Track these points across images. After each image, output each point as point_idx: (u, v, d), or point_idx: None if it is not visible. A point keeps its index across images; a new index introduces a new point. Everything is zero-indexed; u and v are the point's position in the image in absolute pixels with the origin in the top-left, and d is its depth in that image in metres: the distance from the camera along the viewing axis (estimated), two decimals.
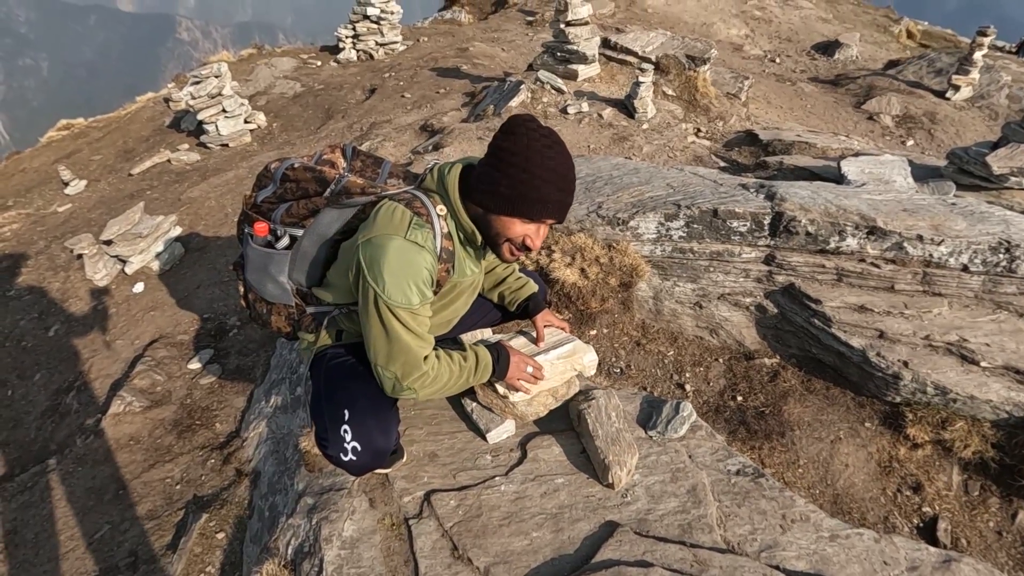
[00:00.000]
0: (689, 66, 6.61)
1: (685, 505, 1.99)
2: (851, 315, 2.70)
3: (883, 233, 2.71)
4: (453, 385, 1.76)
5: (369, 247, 1.53)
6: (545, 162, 1.51)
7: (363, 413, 1.70)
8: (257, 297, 1.95)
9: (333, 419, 1.70)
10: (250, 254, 1.88)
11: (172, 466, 2.86)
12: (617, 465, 2.00)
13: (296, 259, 1.80)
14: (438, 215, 1.62)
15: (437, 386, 1.70)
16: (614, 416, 2.16)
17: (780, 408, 2.69)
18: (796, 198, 2.89)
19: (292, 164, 1.83)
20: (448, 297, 1.79)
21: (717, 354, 3.02)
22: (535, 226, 1.59)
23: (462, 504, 2.04)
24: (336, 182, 1.75)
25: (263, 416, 2.93)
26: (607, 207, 3.18)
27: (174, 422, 3.14)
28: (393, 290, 1.50)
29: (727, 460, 2.17)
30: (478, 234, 1.65)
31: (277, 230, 1.80)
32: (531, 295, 2.20)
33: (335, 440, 1.69)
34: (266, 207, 1.84)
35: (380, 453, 1.73)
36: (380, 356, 1.59)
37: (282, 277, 1.84)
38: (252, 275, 1.91)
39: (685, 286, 3.07)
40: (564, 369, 2.17)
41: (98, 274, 4.75)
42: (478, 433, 2.30)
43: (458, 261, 1.70)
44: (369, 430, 1.69)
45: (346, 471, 1.81)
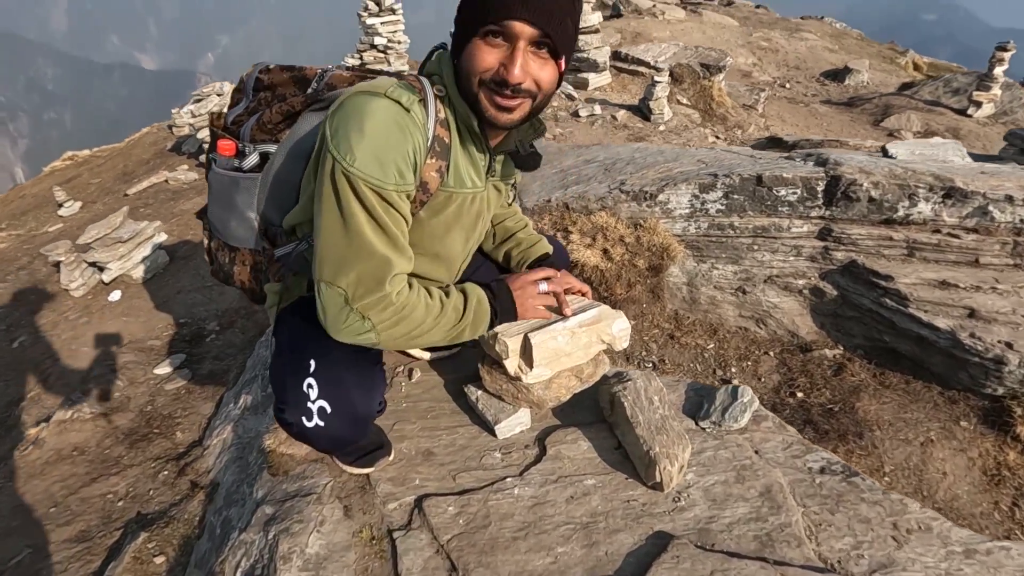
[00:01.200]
0: (704, 75, 6.40)
1: (759, 511, 1.50)
2: (931, 292, 2.25)
3: (963, 195, 2.29)
4: (432, 329, 1.26)
5: (338, 111, 1.11)
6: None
7: (336, 364, 1.25)
8: (220, 244, 1.52)
9: (294, 372, 1.25)
10: (213, 183, 1.46)
11: (118, 479, 2.39)
12: (666, 458, 1.52)
13: (267, 183, 1.37)
14: (435, 95, 1.20)
15: (407, 327, 1.21)
16: (656, 400, 1.69)
17: (853, 405, 2.21)
18: (853, 162, 2.49)
19: (267, 66, 1.45)
20: (440, 216, 1.32)
21: (766, 347, 2.56)
22: (505, 49, 1.09)
23: (464, 512, 1.56)
24: (318, 78, 1.36)
25: (229, 420, 2.47)
26: (631, 183, 2.80)
27: (128, 431, 2.68)
28: (361, 158, 1.06)
29: (806, 456, 1.69)
30: (472, 116, 1.19)
31: (245, 148, 1.38)
32: (545, 254, 1.75)
33: (295, 400, 1.22)
34: (236, 127, 1.44)
35: (358, 420, 1.26)
36: (327, 262, 1.13)
37: (249, 211, 1.41)
38: (215, 211, 1.48)
39: (725, 268, 2.64)
40: (589, 340, 1.72)
41: (74, 283, 4.38)
42: (485, 427, 1.83)
43: (455, 161, 1.26)
44: (343, 385, 1.23)
45: (311, 445, 1.33)
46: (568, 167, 3.29)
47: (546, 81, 1.15)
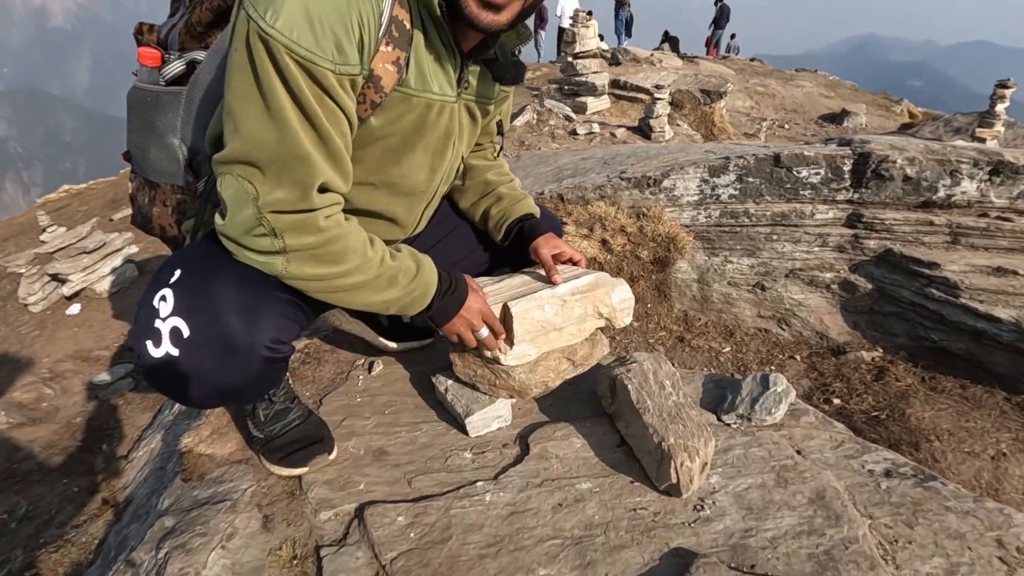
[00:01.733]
0: (704, 101, 6.30)
1: (812, 522, 1.11)
2: (986, 280, 1.93)
3: (1014, 171, 2.01)
4: (359, 287, 0.96)
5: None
6: None
7: (208, 275, 0.89)
8: (141, 183, 1.20)
9: (152, 287, 0.90)
10: (131, 101, 1.15)
11: (19, 498, 1.99)
12: (684, 452, 1.15)
13: (192, 99, 1.05)
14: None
15: (328, 268, 0.91)
16: (669, 386, 1.33)
17: (903, 412, 1.84)
18: (883, 140, 2.23)
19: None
20: (395, 128, 1.01)
21: (791, 350, 2.21)
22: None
23: (417, 523, 1.18)
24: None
25: (162, 427, 2.10)
26: (632, 171, 2.52)
27: (48, 443, 2.30)
28: (286, 16, 0.76)
29: (863, 456, 1.31)
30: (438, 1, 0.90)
31: (170, 57, 1.09)
32: (529, 214, 1.39)
33: (143, 318, 0.86)
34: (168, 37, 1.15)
35: (235, 351, 0.87)
36: (232, 140, 0.82)
37: (171, 135, 1.08)
38: (133, 140, 1.15)
39: (740, 262, 2.32)
40: (584, 312, 1.37)
41: (32, 296, 4.06)
42: (455, 423, 1.46)
43: (417, 56, 0.96)
44: (211, 296, 0.86)
45: (158, 386, 0.91)
46: (564, 164, 3.03)
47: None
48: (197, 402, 0.97)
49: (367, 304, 1.04)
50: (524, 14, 0.96)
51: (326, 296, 0.97)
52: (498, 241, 1.43)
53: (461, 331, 1.21)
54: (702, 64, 13.72)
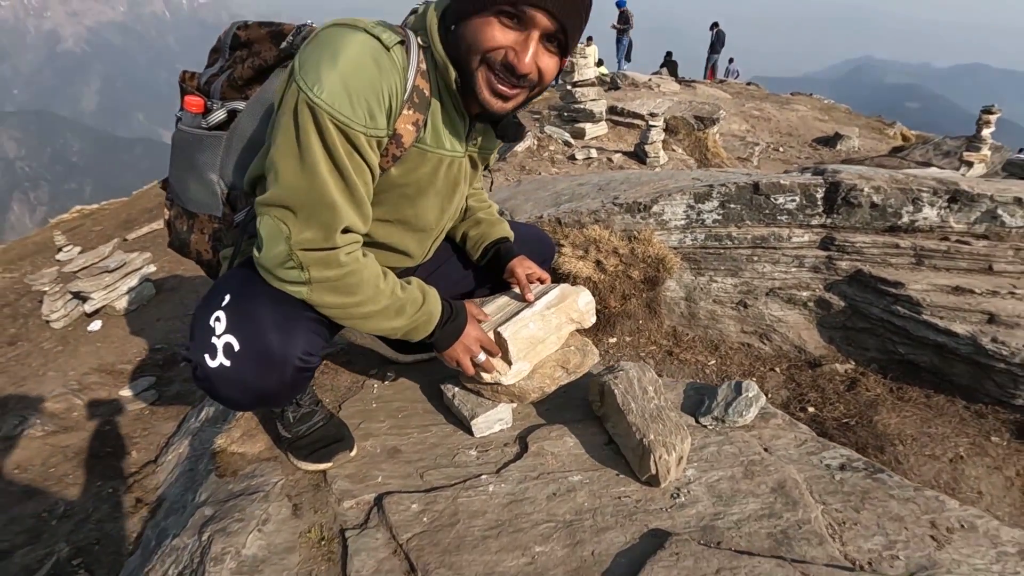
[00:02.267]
0: (698, 127, 6.55)
1: (772, 507, 1.28)
2: (945, 298, 2.11)
3: (969, 199, 2.20)
4: (372, 315, 1.15)
5: (311, 42, 1.01)
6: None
7: (253, 298, 1.09)
8: (179, 211, 1.40)
9: (206, 308, 1.09)
10: (176, 142, 1.35)
11: (57, 498, 2.15)
12: (662, 447, 1.33)
13: (232, 143, 1.27)
14: (418, 44, 1.12)
15: (345, 299, 1.09)
16: (651, 391, 1.51)
17: (871, 419, 2.01)
18: (852, 169, 2.43)
19: (245, 22, 1.38)
20: (413, 175, 1.20)
21: (772, 363, 2.38)
22: (520, 34, 1.02)
23: (428, 509, 1.35)
24: (295, 32, 1.28)
25: (188, 434, 2.27)
26: (624, 197, 2.73)
27: (79, 450, 2.46)
28: (329, 89, 0.95)
29: (822, 453, 1.48)
30: (451, 69, 1.10)
31: (213, 105, 1.28)
32: (504, 237, 1.59)
33: (200, 335, 1.06)
34: (208, 86, 1.36)
35: (272, 363, 1.07)
36: (272, 187, 1.01)
37: (211, 172, 1.29)
38: (175, 173, 1.37)
39: (724, 281, 2.51)
40: (559, 321, 1.57)
41: (55, 314, 4.25)
42: (461, 426, 1.64)
43: (434, 118, 1.16)
44: (256, 319, 1.06)
45: (218, 397, 1.13)
46: (561, 189, 3.24)
47: (549, 74, 1.09)
48: (240, 404, 1.16)
49: (378, 330, 1.20)
50: (528, 101, 1.18)
51: (344, 321, 1.18)
52: (474, 260, 1.64)
53: (460, 357, 1.35)
54: (699, 89, 14.08)
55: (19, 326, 4.67)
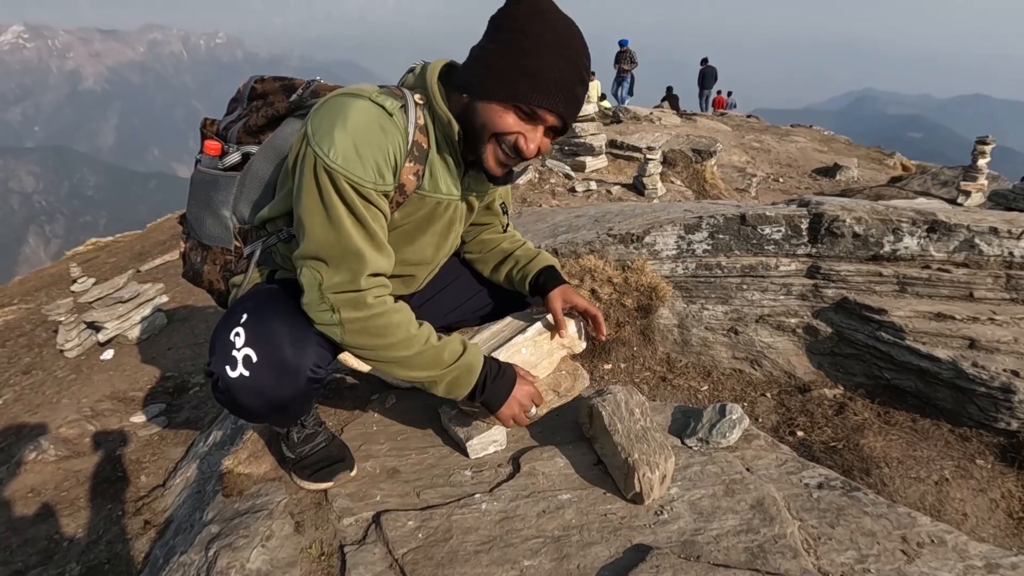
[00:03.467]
0: (696, 159, 6.71)
1: (750, 523, 1.34)
2: (927, 324, 2.18)
3: (947, 229, 2.29)
4: (404, 359, 1.23)
5: (320, 109, 1.15)
6: (551, 27, 1.16)
7: (269, 315, 1.20)
8: (194, 244, 1.52)
9: (225, 326, 1.20)
10: (195, 181, 1.49)
11: (68, 520, 2.22)
12: (646, 466, 1.40)
13: (245, 183, 1.41)
14: (415, 103, 1.26)
15: (374, 340, 1.19)
16: (638, 412, 1.59)
17: (857, 443, 2.06)
18: (835, 201, 2.54)
19: (262, 76, 1.53)
20: (411, 220, 1.34)
21: (763, 388, 2.44)
22: (531, 125, 1.18)
23: (424, 526, 1.41)
24: (305, 86, 1.44)
25: (196, 458, 2.34)
26: (618, 229, 2.84)
27: (91, 474, 2.54)
28: (343, 155, 1.09)
29: (801, 472, 1.54)
30: (455, 124, 1.23)
31: (229, 148, 1.42)
32: (549, 266, 1.65)
33: (221, 349, 1.17)
34: (227, 131, 1.50)
35: (287, 372, 1.18)
36: (305, 243, 1.15)
37: (225, 209, 1.43)
38: (192, 210, 1.50)
39: (715, 309, 2.59)
40: (551, 347, 1.65)
41: (69, 343, 4.38)
42: (457, 448, 1.72)
43: (431, 167, 1.28)
44: (272, 333, 1.17)
45: (237, 407, 1.23)
46: (559, 222, 3.37)
47: (544, 151, 1.27)
48: (256, 413, 1.25)
49: (415, 379, 1.27)
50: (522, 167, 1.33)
51: (382, 367, 1.26)
52: (528, 297, 1.70)
53: (516, 414, 1.41)
54: (700, 122, 14.38)
55: (34, 355, 4.80)
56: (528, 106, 1.15)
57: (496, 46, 1.17)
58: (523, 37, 1.15)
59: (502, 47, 1.16)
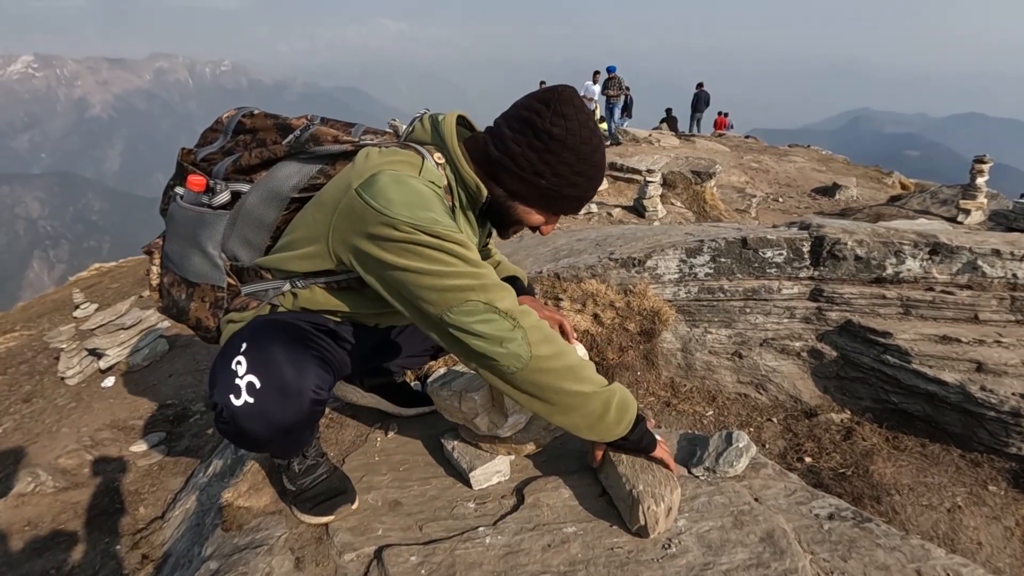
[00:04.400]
0: (695, 181, 6.75)
1: (761, 557, 1.31)
2: (933, 347, 2.16)
3: (949, 251, 2.29)
4: (576, 365, 1.23)
5: (379, 189, 1.15)
6: (594, 157, 1.25)
7: (267, 342, 1.20)
8: (176, 279, 1.45)
9: (224, 358, 1.20)
10: (176, 216, 1.43)
11: (65, 555, 2.18)
12: (651, 498, 1.37)
13: (236, 222, 1.37)
14: (436, 163, 1.29)
15: (557, 348, 1.19)
16: None
17: (867, 469, 2.03)
18: (836, 224, 2.54)
19: (251, 111, 1.52)
20: None
21: (769, 413, 2.41)
22: (550, 218, 1.33)
23: (427, 561, 1.38)
24: (303, 129, 1.42)
25: (196, 489, 2.31)
26: (620, 252, 2.84)
27: (89, 506, 2.51)
28: (428, 218, 1.12)
29: (811, 503, 1.51)
30: (483, 189, 1.29)
31: (216, 186, 1.38)
32: (509, 276, 1.67)
33: (223, 379, 1.17)
34: (208, 164, 1.44)
35: (290, 395, 1.17)
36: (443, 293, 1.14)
37: (212, 247, 1.39)
38: (173, 246, 1.44)
39: (719, 332, 2.58)
40: None
41: (70, 370, 4.36)
42: (460, 478, 1.69)
43: (458, 222, 1.33)
44: (272, 358, 1.17)
45: (240, 436, 1.21)
46: (560, 245, 3.37)
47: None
48: (261, 439, 1.23)
49: (592, 392, 1.26)
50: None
51: (555, 397, 1.24)
52: None
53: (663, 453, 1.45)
54: (698, 143, 14.51)
55: (35, 383, 4.77)
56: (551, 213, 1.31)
57: (545, 167, 1.24)
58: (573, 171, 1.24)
59: (555, 175, 1.24)
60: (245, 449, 1.38)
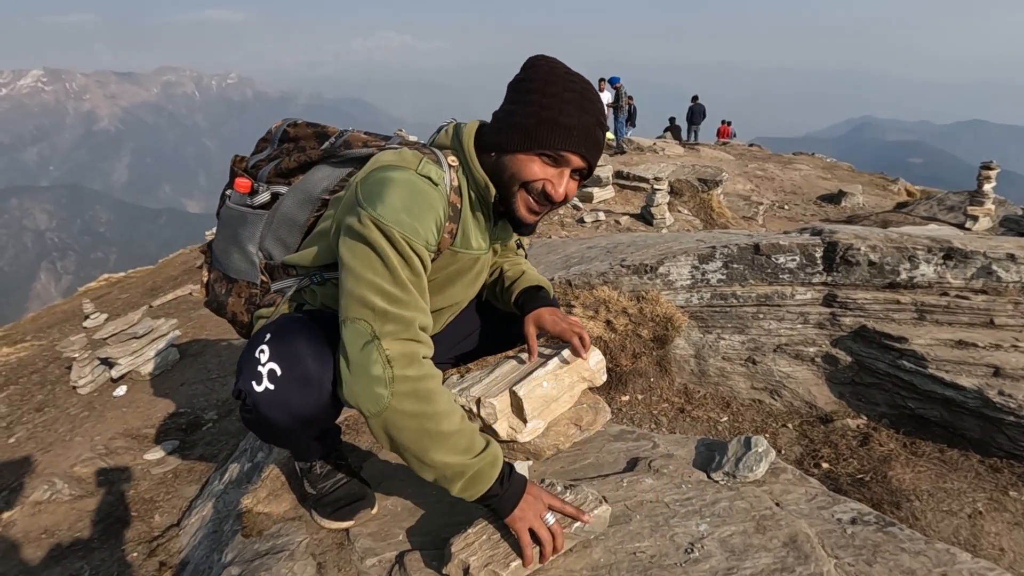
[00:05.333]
0: (702, 188, 6.77)
1: (785, 561, 1.30)
2: (949, 352, 2.16)
3: (963, 256, 2.29)
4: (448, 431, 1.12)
5: (372, 180, 1.19)
6: (567, 84, 1.24)
7: (291, 332, 1.23)
8: (219, 275, 1.56)
9: (251, 347, 1.22)
10: (223, 217, 1.54)
11: (82, 563, 2.19)
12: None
13: (273, 222, 1.45)
14: (449, 166, 1.31)
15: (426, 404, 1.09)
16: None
17: (885, 475, 2.02)
18: (848, 229, 2.55)
19: (295, 122, 1.58)
20: (442, 272, 1.37)
21: (784, 419, 2.41)
22: (557, 170, 1.24)
23: None
24: (338, 135, 1.49)
25: (212, 496, 2.32)
26: (631, 259, 2.85)
27: (105, 514, 2.52)
28: (395, 217, 1.12)
29: (833, 507, 1.50)
30: (492, 188, 1.29)
31: (259, 188, 1.47)
32: (529, 287, 1.63)
33: (247, 366, 1.19)
34: (255, 170, 1.53)
35: (310, 383, 1.18)
36: (353, 300, 1.10)
37: (251, 245, 1.47)
38: (219, 244, 1.55)
39: (732, 338, 2.58)
40: (571, 380, 1.65)
41: (82, 379, 4.39)
42: None
43: (464, 224, 1.33)
44: (295, 348, 1.19)
45: (262, 423, 1.23)
46: (571, 253, 3.39)
47: (571, 195, 1.32)
48: (282, 428, 1.24)
49: (442, 464, 1.12)
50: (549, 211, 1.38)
51: (410, 447, 1.11)
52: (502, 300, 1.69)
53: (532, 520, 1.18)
54: (703, 151, 14.56)
55: (47, 392, 4.80)
56: (552, 151, 1.21)
57: (517, 106, 1.24)
58: (542, 95, 1.22)
59: (523, 106, 1.23)
60: (269, 441, 1.39)
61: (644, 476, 1.64)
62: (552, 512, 1.21)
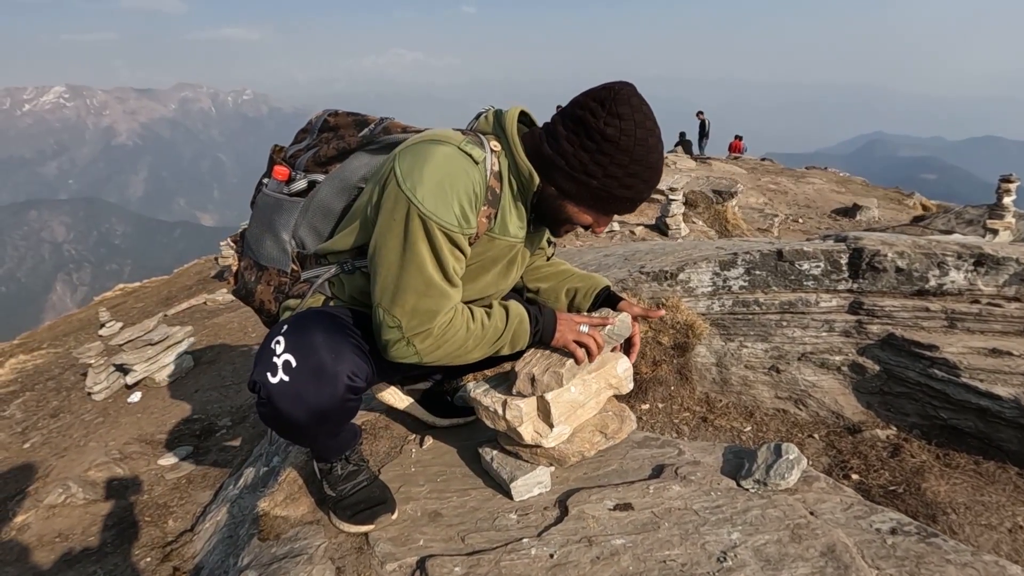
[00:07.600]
0: (716, 200, 6.73)
1: (824, 572, 1.25)
2: (983, 360, 2.09)
3: (995, 262, 2.23)
4: (472, 350, 1.31)
5: (409, 154, 1.19)
6: (649, 158, 1.23)
7: (307, 325, 1.22)
8: (250, 263, 1.55)
9: (268, 339, 1.22)
10: (259, 204, 1.53)
11: (95, 567, 2.17)
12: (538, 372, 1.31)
13: (308, 209, 1.44)
14: (492, 150, 1.30)
15: (448, 350, 1.26)
16: None
17: (919, 486, 1.95)
18: (874, 235, 2.50)
19: (335, 111, 1.57)
20: (479, 259, 1.36)
21: (810, 429, 2.34)
22: (607, 217, 1.33)
23: (471, 572, 1.34)
24: (377, 123, 1.48)
25: (226, 501, 2.29)
26: (650, 266, 2.82)
27: (119, 519, 2.49)
28: (432, 199, 1.14)
29: (871, 516, 1.44)
30: (535, 176, 1.28)
31: (296, 175, 1.47)
32: (604, 287, 1.67)
33: (263, 357, 1.19)
34: (293, 159, 1.53)
35: (324, 376, 1.18)
36: (387, 292, 1.19)
37: (285, 233, 1.46)
38: (253, 231, 1.54)
39: (755, 346, 2.53)
40: (599, 387, 1.61)
41: (98, 386, 4.40)
42: (500, 490, 1.66)
43: (503, 211, 1.32)
44: (310, 340, 1.19)
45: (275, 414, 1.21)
46: (588, 261, 3.36)
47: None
48: (297, 422, 1.22)
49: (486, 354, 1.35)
50: None
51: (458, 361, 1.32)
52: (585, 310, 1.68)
53: (572, 333, 1.41)
54: (715, 165, 14.54)
55: (62, 399, 4.82)
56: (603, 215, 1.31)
57: (597, 167, 1.23)
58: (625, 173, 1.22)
59: (602, 169, 1.23)
60: (284, 436, 1.36)
61: (671, 483, 1.60)
62: (584, 324, 1.42)
